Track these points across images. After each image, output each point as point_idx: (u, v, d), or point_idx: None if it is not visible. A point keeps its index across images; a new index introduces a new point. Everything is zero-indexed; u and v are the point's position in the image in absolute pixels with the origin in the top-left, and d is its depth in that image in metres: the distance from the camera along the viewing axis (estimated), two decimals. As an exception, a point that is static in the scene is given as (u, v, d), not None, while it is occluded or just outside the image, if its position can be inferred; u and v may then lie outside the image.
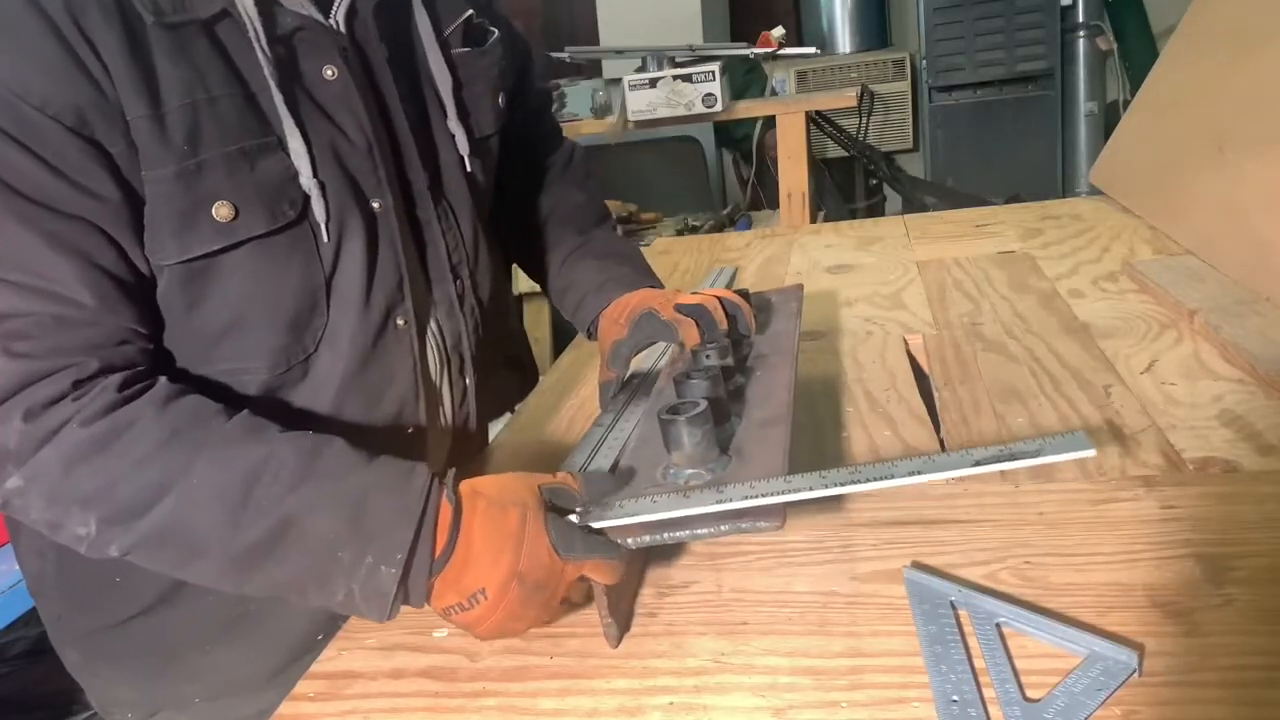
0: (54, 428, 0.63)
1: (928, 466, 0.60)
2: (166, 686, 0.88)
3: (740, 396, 0.80)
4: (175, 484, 0.63)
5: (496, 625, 0.63)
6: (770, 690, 0.60)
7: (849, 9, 4.26)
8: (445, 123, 0.87)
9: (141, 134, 0.67)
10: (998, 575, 0.67)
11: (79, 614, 0.87)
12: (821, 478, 0.61)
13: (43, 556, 0.86)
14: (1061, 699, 0.55)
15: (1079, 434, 0.58)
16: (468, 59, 0.89)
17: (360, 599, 0.63)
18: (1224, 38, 1.43)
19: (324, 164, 0.75)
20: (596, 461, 0.77)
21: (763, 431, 0.73)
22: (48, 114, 0.63)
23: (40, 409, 0.63)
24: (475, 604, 0.62)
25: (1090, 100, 3.84)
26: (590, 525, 0.64)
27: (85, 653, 0.89)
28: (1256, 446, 0.80)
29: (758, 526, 0.61)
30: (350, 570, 0.62)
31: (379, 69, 0.80)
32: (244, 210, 0.71)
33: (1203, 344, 1.02)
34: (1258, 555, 0.65)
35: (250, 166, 0.71)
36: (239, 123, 0.71)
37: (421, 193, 0.85)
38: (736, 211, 3.34)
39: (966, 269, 1.39)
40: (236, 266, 0.73)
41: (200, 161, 0.69)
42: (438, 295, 0.87)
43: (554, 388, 1.19)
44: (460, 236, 0.89)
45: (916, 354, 1.13)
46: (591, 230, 1.07)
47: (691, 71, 2.59)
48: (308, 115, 0.75)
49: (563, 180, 1.11)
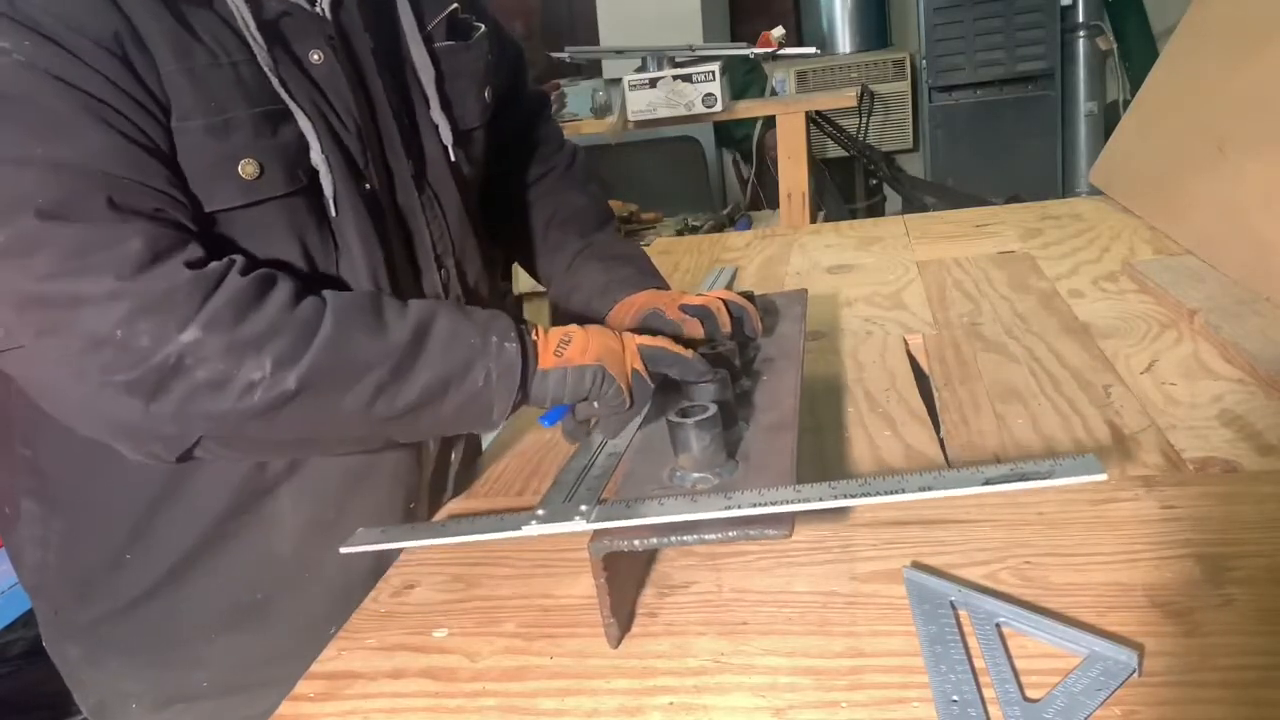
0: (217, 277, 0.67)
1: (938, 483, 0.61)
2: (175, 675, 0.87)
3: (746, 401, 0.80)
4: (324, 317, 0.70)
5: (599, 344, 0.78)
6: (770, 690, 0.60)
7: (849, 9, 4.26)
8: (429, 113, 0.88)
9: (173, 86, 0.68)
10: (998, 575, 0.67)
11: (81, 604, 0.87)
12: (831, 488, 0.62)
13: (45, 545, 0.86)
14: (1061, 699, 0.55)
15: (1090, 457, 0.58)
16: (451, 52, 0.90)
17: (497, 377, 0.75)
18: (1224, 38, 1.43)
19: (324, 138, 0.76)
20: (600, 462, 0.77)
21: (769, 437, 0.73)
22: (88, 37, 0.65)
23: (199, 261, 0.67)
24: (571, 338, 0.78)
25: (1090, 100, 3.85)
26: (598, 525, 0.64)
27: (88, 645, 0.88)
28: (1256, 446, 0.80)
29: (766, 534, 0.61)
30: (484, 349, 0.75)
31: (363, 57, 0.81)
32: (268, 169, 0.73)
33: (1203, 344, 1.02)
34: (1258, 555, 0.65)
35: (273, 130, 0.73)
36: (261, 88, 0.73)
37: (405, 181, 0.85)
38: (736, 211, 3.34)
39: (966, 269, 1.39)
40: (258, 223, 0.74)
41: (228, 119, 0.71)
42: (425, 284, 0.88)
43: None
44: (445, 226, 0.89)
45: (916, 354, 1.13)
46: (594, 233, 1.07)
47: (691, 71, 2.59)
48: (306, 93, 0.76)
49: (564, 183, 1.11)
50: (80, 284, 0.63)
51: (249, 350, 0.67)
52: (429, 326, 0.74)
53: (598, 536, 0.64)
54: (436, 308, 0.76)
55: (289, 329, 0.68)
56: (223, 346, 0.66)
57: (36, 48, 0.63)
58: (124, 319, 0.64)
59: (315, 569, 0.86)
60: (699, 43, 2.99)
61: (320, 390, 0.70)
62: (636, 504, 0.65)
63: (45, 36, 0.63)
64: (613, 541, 0.63)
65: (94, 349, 0.64)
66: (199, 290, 0.66)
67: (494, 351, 0.75)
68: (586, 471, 0.76)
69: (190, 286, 0.65)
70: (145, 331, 0.64)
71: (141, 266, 0.64)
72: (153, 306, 0.64)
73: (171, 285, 0.65)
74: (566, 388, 0.77)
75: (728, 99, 2.66)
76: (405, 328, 0.73)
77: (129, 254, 0.64)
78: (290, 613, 0.86)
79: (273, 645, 0.85)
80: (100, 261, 0.63)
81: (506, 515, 0.71)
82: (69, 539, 0.85)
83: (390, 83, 0.84)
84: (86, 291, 0.63)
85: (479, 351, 0.75)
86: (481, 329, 0.76)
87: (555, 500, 0.71)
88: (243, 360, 0.67)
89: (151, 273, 0.65)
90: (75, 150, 0.64)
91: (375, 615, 0.75)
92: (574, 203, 1.09)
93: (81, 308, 0.64)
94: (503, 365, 0.75)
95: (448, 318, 0.75)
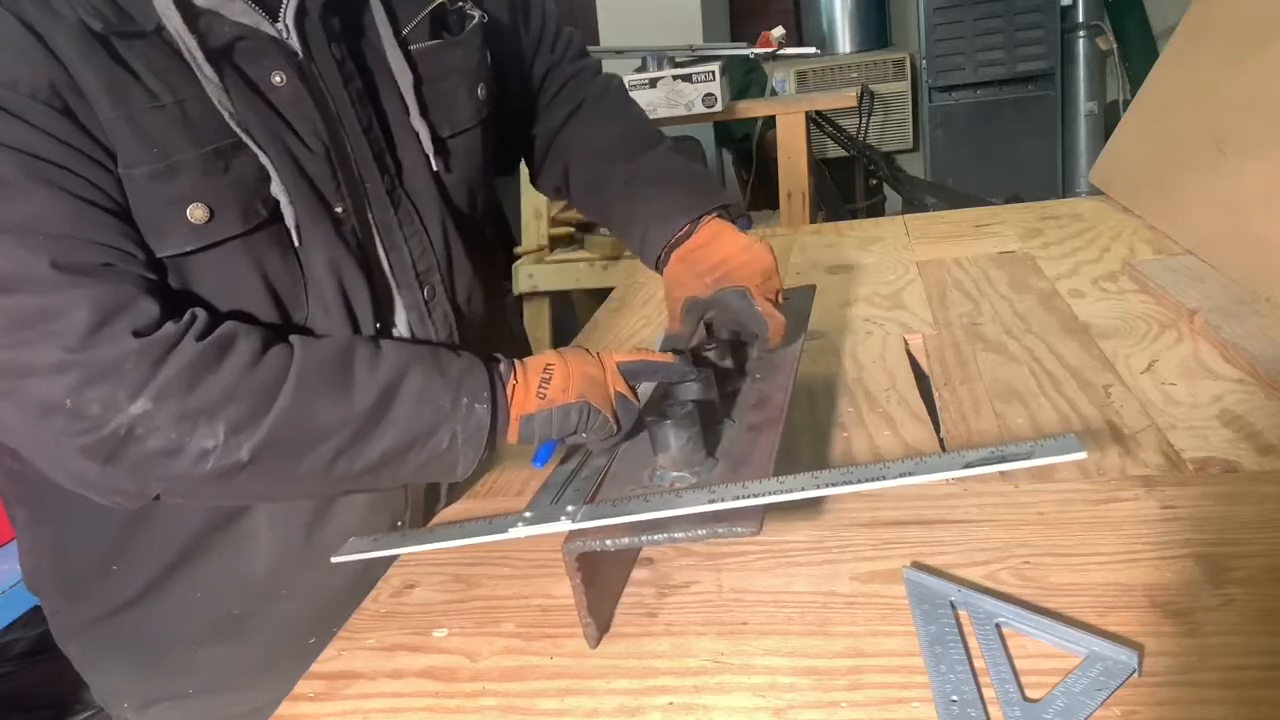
0: (168, 344, 0.65)
1: (920, 468, 0.61)
2: (160, 679, 0.88)
3: (736, 400, 0.80)
4: (285, 381, 0.68)
5: (579, 375, 0.75)
6: (770, 690, 0.60)
7: (849, 9, 4.26)
8: (408, 120, 0.83)
9: (115, 133, 0.66)
10: (998, 575, 0.67)
11: (75, 606, 0.88)
12: (814, 478, 0.61)
13: (36, 554, 0.87)
14: (1061, 699, 0.55)
15: (1070, 437, 0.59)
16: (435, 52, 0.85)
17: (463, 440, 0.73)
18: (1224, 38, 1.43)
19: (283, 168, 0.74)
20: (591, 463, 0.77)
21: (753, 435, 0.73)
22: (22, 93, 0.62)
23: (147, 328, 0.65)
24: (550, 374, 0.75)
25: (1090, 100, 3.85)
26: (570, 525, 0.64)
27: (84, 645, 0.90)
28: (1256, 446, 0.80)
29: (735, 531, 0.61)
30: (452, 413, 0.72)
31: (329, 73, 0.77)
32: (219, 211, 0.71)
33: (1203, 344, 1.02)
34: (1258, 555, 0.65)
35: (225, 167, 0.71)
36: (211, 122, 0.70)
37: (380, 197, 0.82)
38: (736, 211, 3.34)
39: (966, 269, 1.39)
40: (216, 264, 0.72)
41: (173, 164, 0.68)
42: (406, 302, 0.84)
43: (554, 388, 1.19)
44: (427, 240, 0.85)
45: (916, 354, 1.13)
46: (640, 156, 0.99)
47: (691, 71, 2.59)
48: (264, 121, 0.73)
49: (600, 111, 1.05)
50: (27, 355, 0.63)
51: (201, 418, 0.66)
52: (396, 388, 0.71)
53: (571, 537, 0.64)
54: (409, 363, 0.73)
55: (244, 396, 0.67)
56: (174, 416, 0.65)
57: None
58: (73, 388, 0.63)
59: (291, 587, 0.86)
60: (699, 43, 2.99)
61: (275, 458, 0.69)
62: (622, 504, 0.65)
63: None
64: (585, 542, 0.63)
65: (46, 415, 0.64)
66: (147, 359, 0.65)
67: (462, 414, 0.73)
68: (575, 474, 0.76)
69: (138, 356, 0.64)
70: (95, 400, 0.64)
71: (88, 335, 0.63)
72: (101, 376, 0.64)
73: (120, 354, 0.64)
74: (553, 427, 0.75)
75: (728, 99, 2.66)
76: (372, 390, 0.70)
77: (74, 324, 0.63)
78: (269, 627, 0.86)
79: (255, 656, 0.86)
80: (45, 333, 0.63)
81: (495, 519, 0.71)
82: (57, 548, 0.86)
83: (359, 94, 0.80)
84: (34, 362, 0.63)
85: (446, 415, 0.72)
86: (453, 389, 0.73)
87: (543, 502, 0.71)
88: (195, 428, 0.66)
89: (98, 341, 0.64)
90: (16, 214, 0.63)
91: (375, 615, 0.75)
92: (614, 130, 1.03)
93: (31, 377, 0.63)
94: (471, 428, 0.73)
95: (419, 376, 0.72)
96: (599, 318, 1.45)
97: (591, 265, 2.85)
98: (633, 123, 1.05)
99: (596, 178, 1.01)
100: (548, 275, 2.89)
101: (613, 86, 1.08)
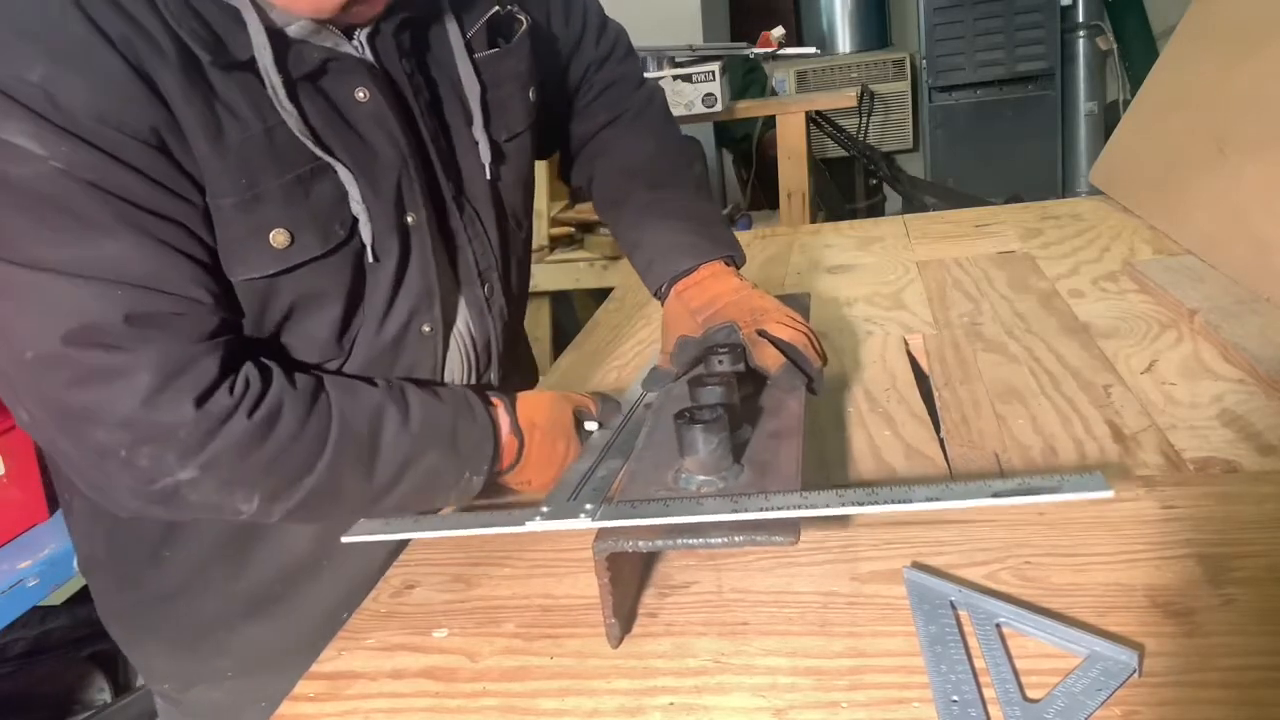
0: (221, 417, 0.69)
1: (945, 494, 0.61)
2: (199, 661, 0.93)
3: (751, 404, 0.80)
4: (321, 458, 0.73)
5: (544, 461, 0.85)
6: (770, 690, 0.60)
7: (849, 9, 4.27)
8: (469, 130, 0.86)
9: (208, 167, 0.69)
10: (998, 575, 0.67)
11: (122, 590, 0.93)
12: (839, 496, 0.61)
13: (91, 540, 0.92)
14: (1061, 699, 0.55)
15: (1098, 474, 0.59)
16: (494, 61, 0.87)
17: (455, 499, 0.83)
18: (1224, 38, 1.43)
19: (362, 184, 0.76)
20: (607, 462, 0.78)
21: (775, 443, 0.72)
22: (126, 134, 0.65)
23: (205, 393, 0.68)
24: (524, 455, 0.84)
25: (1090, 100, 3.85)
26: (601, 524, 0.64)
27: (128, 626, 0.95)
28: (1256, 446, 0.80)
29: (773, 540, 0.61)
30: (453, 485, 0.80)
31: (402, 85, 0.80)
32: (299, 236, 0.74)
33: (1203, 344, 1.02)
34: (1258, 555, 0.65)
35: (306, 194, 0.73)
36: (294, 149, 0.72)
37: (450, 203, 0.85)
38: (736, 211, 3.34)
39: (966, 269, 1.39)
40: (293, 284, 0.75)
41: (258, 193, 0.71)
42: (467, 299, 0.88)
43: (554, 388, 1.19)
44: (487, 242, 0.89)
45: (916, 354, 1.13)
46: (663, 185, 1.01)
47: (691, 71, 2.59)
48: (344, 139, 0.76)
49: (634, 129, 1.06)
50: (93, 405, 0.67)
51: (241, 488, 0.71)
52: (412, 463, 0.77)
53: (602, 536, 0.64)
54: (429, 443, 0.78)
55: (283, 470, 0.72)
56: (217, 484, 0.70)
57: (73, 152, 0.63)
58: (129, 444, 0.67)
59: (332, 563, 0.89)
60: (699, 43, 2.99)
61: (298, 516, 0.76)
62: (642, 505, 0.65)
63: (81, 139, 0.63)
64: (617, 542, 0.63)
65: (102, 459, 0.68)
66: (200, 429, 0.68)
67: (463, 485, 0.81)
68: (592, 471, 0.76)
69: (193, 426, 0.67)
70: (147, 456, 0.68)
71: (149, 397, 0.66)
72: (155, 438, 0.67)
73: (176, 422, 0.67)
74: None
75: (728, 99, 2.66)
76: (392, 464, 0.76)
77: (138, 386, 0.66)
78: (309, 601, 0.90)
79: (292, 635, 0.89)
80: (111, 389, 0.66)
81: (512, 510, 0.72)
82: (112, 535, 0.90)
83: (429, 105, 0.83)
84: (98, 413, 0.67)
85: (448, 487, 0.80)
86: (460, 467, 0.80)
87: (560, 498, 0.71)
88: (234, 494, 0.71)
89: (158, 404, 0.67)
90: (102, 258, 0.65)
91: (375, 615, 0.75)
92: (643, 150, 1.04)
93: (91, 423, 0.67)
94: (464, 492, 0.81)
95: (434, 457, 0.78)
96: (599, 318, 1.45)
97: (591, 265, 2.86)
98: (666, 145, 1.06)
99: (618, 193, 1.03)
100: (548, 275, 2.89)
101: (655, 102, 1.09)
